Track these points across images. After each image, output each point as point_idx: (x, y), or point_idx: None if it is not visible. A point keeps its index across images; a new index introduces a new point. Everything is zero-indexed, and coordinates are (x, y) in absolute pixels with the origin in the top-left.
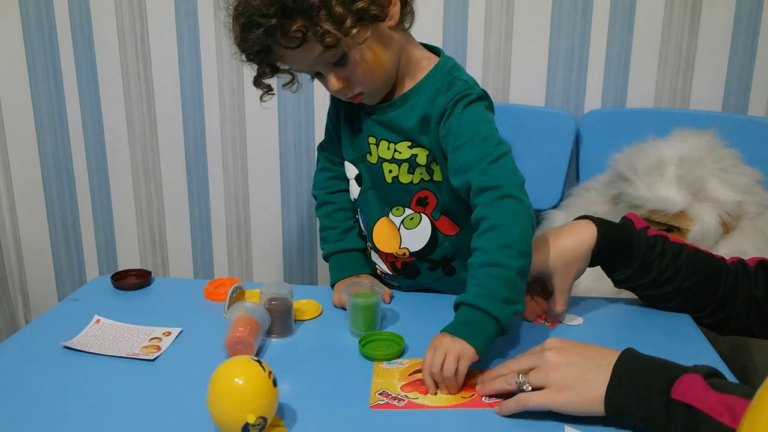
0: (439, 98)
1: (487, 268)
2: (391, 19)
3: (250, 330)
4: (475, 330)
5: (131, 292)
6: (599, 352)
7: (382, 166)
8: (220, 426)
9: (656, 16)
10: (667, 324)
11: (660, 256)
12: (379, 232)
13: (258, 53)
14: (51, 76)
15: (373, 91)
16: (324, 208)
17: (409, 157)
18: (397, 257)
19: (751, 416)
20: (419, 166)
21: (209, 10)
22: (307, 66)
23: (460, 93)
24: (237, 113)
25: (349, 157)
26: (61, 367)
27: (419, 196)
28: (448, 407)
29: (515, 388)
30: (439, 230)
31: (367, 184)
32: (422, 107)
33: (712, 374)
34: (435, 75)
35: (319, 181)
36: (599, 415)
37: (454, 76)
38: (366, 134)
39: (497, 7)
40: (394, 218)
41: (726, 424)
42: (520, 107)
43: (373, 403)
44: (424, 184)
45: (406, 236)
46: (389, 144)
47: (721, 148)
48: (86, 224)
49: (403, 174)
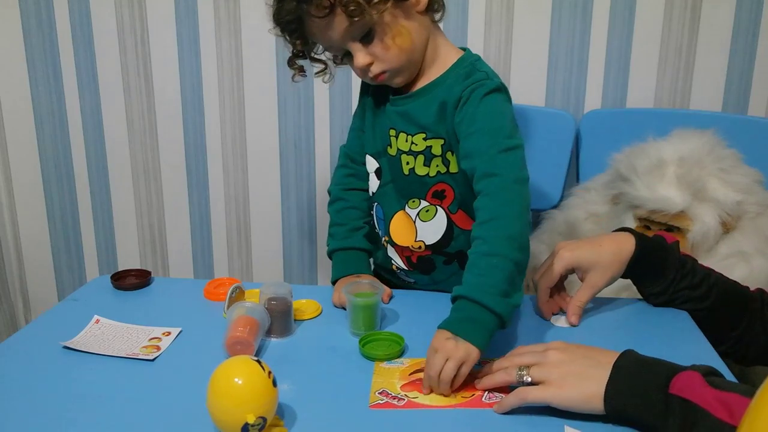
0: (457, 86)
1: (489, 258)
2: (419, 4)
3: (250, 330)
4: (478, 328)
5: (131, 292)
6: (600, 352)
7: (401, 158)
8: (220, 426)
9: (656, 16)
10: (667, 324)
11: (692, 273)
12: (396, 225)
13: (290, 23)
14: (51, 76)
15: (397, 70)
16: (336, 204)
17: (424, 149)
18: (413, 251)
19: (750, 417)
20: (435, 157)
21: (209, 10)
22: (336, 41)
23: (478, 81)
24: (237, 113)
25: (371, 151)
26: (61, 367)
27: (435, 189)
28: (448, 407)
29: (515, 380)
30: (456, 224)
31: (387, 177)
32: (441, 97)
33: (710, 373)
34: (457, 67)
35: (337, 177)
36: (599, 412)
37: (475, 67)
38: (388, 127)
39: (497, 7)
40: (410, 210)
41: (723, 419)
42: (520, 107)
43: (372, 402)
44: (440, 176)
45: (421, 228)
46: (407, 136)
47: (721, 148)
48: (86, 224)
49: (419, 166)
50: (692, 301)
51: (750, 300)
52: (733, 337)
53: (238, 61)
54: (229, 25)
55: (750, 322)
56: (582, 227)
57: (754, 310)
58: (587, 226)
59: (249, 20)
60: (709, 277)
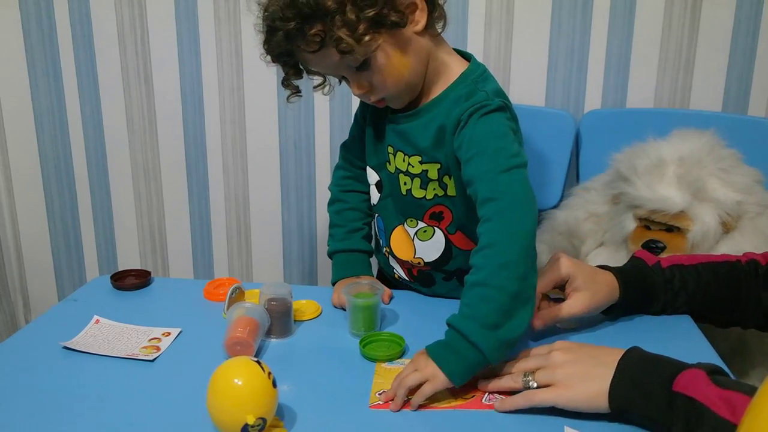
0: (456, 108)
1: (479, 288)
2: (417, 25)
3: (250, 330)
4: (451, 356)
5: (131, 292)
6: (605, 350)
7: (399, 177)
8: (220, 426)
9: (656, 16)
10: (667, 324)
11: (683, 287)
12: (396, 240)
13: (281, 56)
14: (51, 76)
15: (395, 96)
16: (336, 205)
17: (420, 172)
18: (413, 265)
19: (750, 416)
20: (431, 181)
21: (209, 10)
22: (331, 70)
23: (477, 104)
24: (237, 113)
25: (371, 163)
26: (61, 367)
27: (433, 211)
28: (448, 408)
29: (521, 386)
30: (454, 244)
31: (387, 191)
32: (439, 119)
33: (716, 371)
34: (459, 84)
35: (336, 178)
36: (604, 410)
37: (477, 86)
38: (387, 143)
39: (497, 7)
40: (408, 229)
41: (726, 418)
42: (520, 107)
43: (373, 403)
44: (438, 199)
45: (420, 247)
46: (404, 156)
47: (721, 148)
48: (86, 224)
49: (416, 188)
50: (689, 304)
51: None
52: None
53: (238, 61)
54: (229, 25)
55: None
56: (582, 227)
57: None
58: (587, 226)
59: (249, 20)
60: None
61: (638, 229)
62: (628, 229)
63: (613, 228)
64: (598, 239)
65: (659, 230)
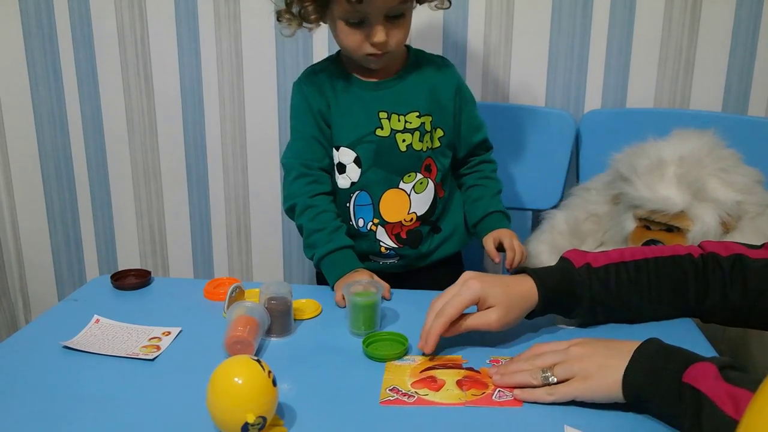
0: (445, 70)
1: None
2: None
3: (250, 329)
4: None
5: (131, 292)
6: (622, 342)
7: (395, 137)
8: (220, 426)
9: (656, 16)
10: (666, 324)
11: (617, 284)
12: (387, 204)
13: None
14: (51, 76)
15: (392, 57)
16: (307, 213)
17: (419, 125)
18: (403, 226)
19: (750, 415)
20: (426, 133)
21: (209, 10)
22: (378, 7)
23: (449, 66)
24: (237, 112)
25: (345, 142)
26: (61, 367)
27: (426, 163)
28: (458, 405)
29: (540, 382)
30: (438, 195)
31: (368, 162)
32: (429, 80)
33: (729, 366)
34: (417, 54)
35: (297, 189)
36: (620, 400)
37: (427, 55)
38: (376, 110)
39: (497, 7)
40: (404, 185)
41: (728, 413)
42: (520, 107)
43: (383, 399)
44: (429, 152)
45: (415, 200)
46: (400, 116)
47: (721, 148)
48: (86, 224)
49: (416, 142)
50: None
51: (693, 270)
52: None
53: (238, 61)
54: (229, 25)
55: (698, 286)
56: (582, 227)
57: (703, 274)
58: (587, 226)
59: (249, 20)
60: (638, 281)
61: (638, 229)
62: (628, 229)
63: (613, 228)
64: (598, 239)
65: (659, 230)
